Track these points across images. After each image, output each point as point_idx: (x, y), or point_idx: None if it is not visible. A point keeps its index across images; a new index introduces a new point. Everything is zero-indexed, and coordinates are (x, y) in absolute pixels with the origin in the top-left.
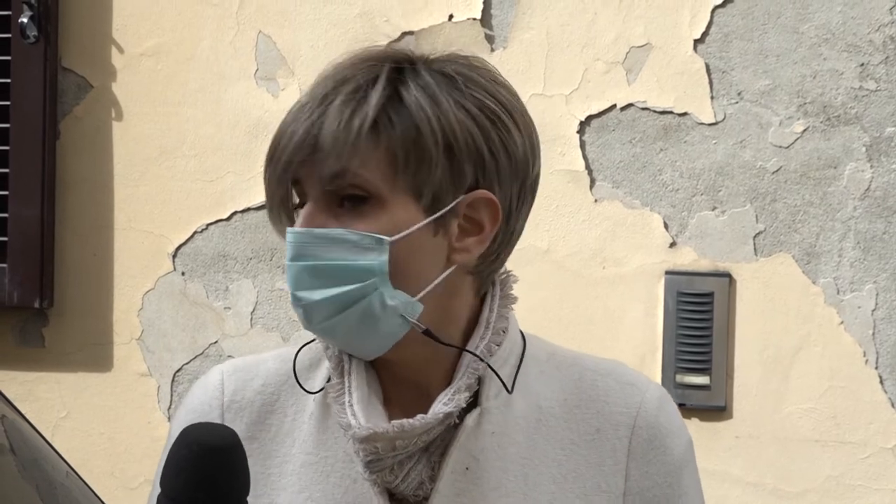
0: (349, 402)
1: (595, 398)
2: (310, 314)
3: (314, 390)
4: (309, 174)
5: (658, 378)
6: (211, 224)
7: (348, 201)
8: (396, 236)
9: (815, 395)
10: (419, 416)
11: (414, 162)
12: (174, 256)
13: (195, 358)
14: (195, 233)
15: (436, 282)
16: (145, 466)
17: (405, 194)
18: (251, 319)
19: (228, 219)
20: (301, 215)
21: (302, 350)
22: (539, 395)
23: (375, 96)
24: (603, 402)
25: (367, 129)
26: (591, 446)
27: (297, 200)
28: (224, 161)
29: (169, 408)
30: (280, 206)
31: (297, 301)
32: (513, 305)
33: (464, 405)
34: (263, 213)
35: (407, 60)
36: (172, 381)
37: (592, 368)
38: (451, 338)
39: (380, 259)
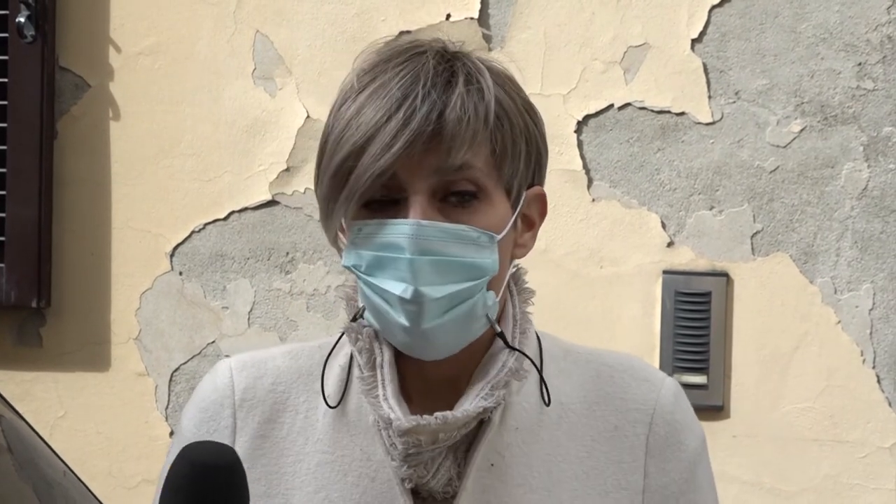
0: (384, 395)
1: (613, 395)
2: (424, 312)
3: (328, 392)
4: (412, 166)
5: None
6: (208, 223)
7: (457, 196)
8: (501, 234)
9: (812, 395)
10: (461, 409)
11: (510, 155)
12: (172, 256)
13: (193, 358)
14: (193, 232)
15: (506, 279)
16: (143, 466)
17: (501, 189)
18: (249, 319)
19: (226, 218)
20: (413, 208)
21: (312, 348)
22: (559, 391)
23: (487, 87)
24: (620, 398)
25: (492, 119)
26: (611, 443)
27: (375, 197)
28: (222, 160)
29: (167, 407)
30: (352, 203)
31: (417, 297)
32: (532, 300)
33: (502, 401)
34: (261, 213)
35: (462, 55)
36: (170, 380)
37: (609, 364)
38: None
39: (492, 257)
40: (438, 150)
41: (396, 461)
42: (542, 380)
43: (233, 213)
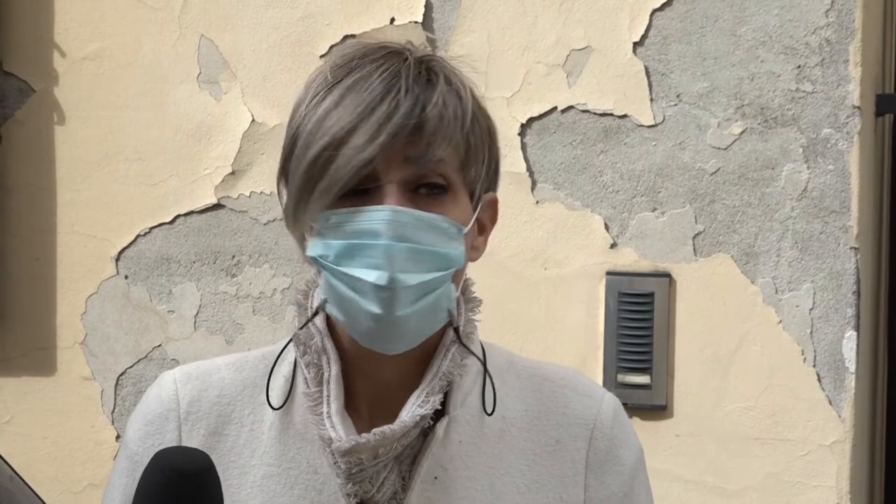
0: (327, 413)
1: (555, 409)
2: (397, 299)
3: (273, 400)
4: (393, 155)
5: (599, 378)
6: (154, 227)
7: (426, 188)
8: (468, 227)
9: (754, 394)
10: (398, 422)
11: (474, 156)
12: (117, 260)
13: (139, 361)
14: (138, 236)
15: (463, 279)
16: (89, 470)
17: (465, 190)
18: (195, 322)
19: (171, 222)
20: (388, 195)
21: (256, 359)
22: (502, 404)
23: (465, 90)
24: (562, 413)
25: (468, 121)
26: (553, 457)
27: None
28: (167, 164)
29: (113, 411)
30: (332, 194)
31: (392, 283)
32: (479, 308)
33: (439, 407)
34: (207, 217)
35: (438, 57)
36: (116, 384)
37: (551, 379)
38: (434, 337)
39: (460, 249)
40: (418, 143)
41: (341, 479)
42: (484, 387)
43: (178, 216)
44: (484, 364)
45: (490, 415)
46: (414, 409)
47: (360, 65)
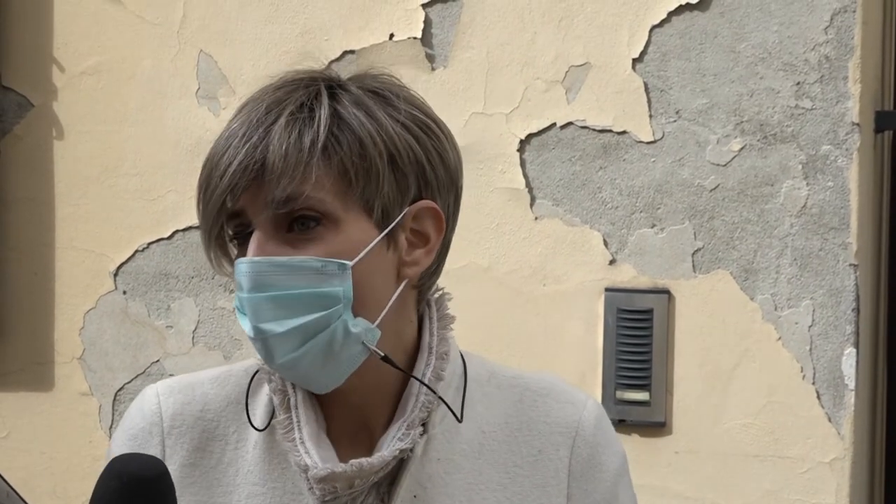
0: (300, 438)
1: (536, 419)
2: (273, 348)
3: (256, 420)
4: (253, 200)
5: (598, 394)
6: (152, 243)
7: (299, 225)
8: (356, 258)
9: (753, 411)
10: (377, 455)
11: (363, 177)
12: (115, 275)
13: (137, 377)
14: (136, 251)
15: (391, 301)
16: (87, 485)
17: (357, 212)
18: (193, 338)
19: (170, 237)
20: (252, 243)
21: (239, 374)
22: (482, 419)
23: (322, 114)
24: (544, 422)
25: (319, 147)
26: (535, 468)
27: (230, 232)
28: (165, 180)
29: (111, 427)
30: (216, 240)
31: (259, 334)
32: (451, 325)
33: (419, 439)
34: None
35: (334, 80)
36: (114, 400)
37: (533, 389)
38: (401, 362)
39: (344, 284)
40: (268, 183)
41: (313, 502)
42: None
43: (177, 231)
44: (465, 379)
45: (460, 422)
46: (394, 442)
47: (251, 100)
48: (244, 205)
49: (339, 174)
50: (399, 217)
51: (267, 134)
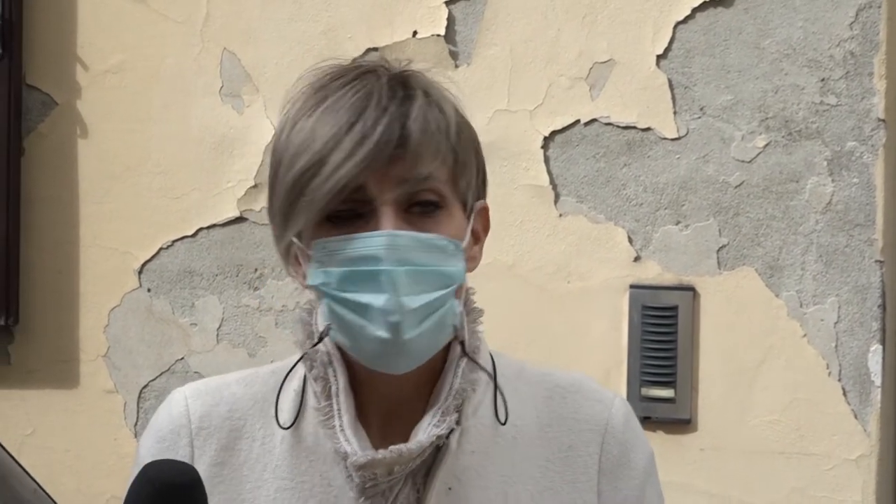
0: (340, 426)
1: (566, 416)
2: (405, 322)
3: (283, 416)
4: (382, 177)
5: (623, 391)
6: (177, 240)
7: (420, 206)
8: (464, 242)
9: (778, 408)
10: (415, 441)
11: (463, 168)
12: (140, 273)
13: (161, 374)
14: (161, 249)
15: (465, 291)
16: (112, 483)
17: (458, 202)
18: (217, 335)
19: (194, 235)
20: (384, 218)
21: (266, 374)
22: (514, 413)
23: (447, 102)
24: (573, 419)
25: (454, 132)
26: (565, 463)
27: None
28: (189, 177)
29: (135, 424)
30: (312, 214)
31: (399, 308)
32: (480, 319)
33: (455, 426)
34: (229, 230)
35: (414, 72)
36: (139, 397)
37: (561, 385)
38: (436, 354)
39: (460, 265)
40: (403, 161)
41: (354, 493)
42: (495, 396)
43: (201, 229)
44: (494, 377)
45: (503, 424)
46: (430, 428)
47: (337, 86)
48: (365, 181)
49: (452, 162)
50: (473, 212)
51: (406, 112)
